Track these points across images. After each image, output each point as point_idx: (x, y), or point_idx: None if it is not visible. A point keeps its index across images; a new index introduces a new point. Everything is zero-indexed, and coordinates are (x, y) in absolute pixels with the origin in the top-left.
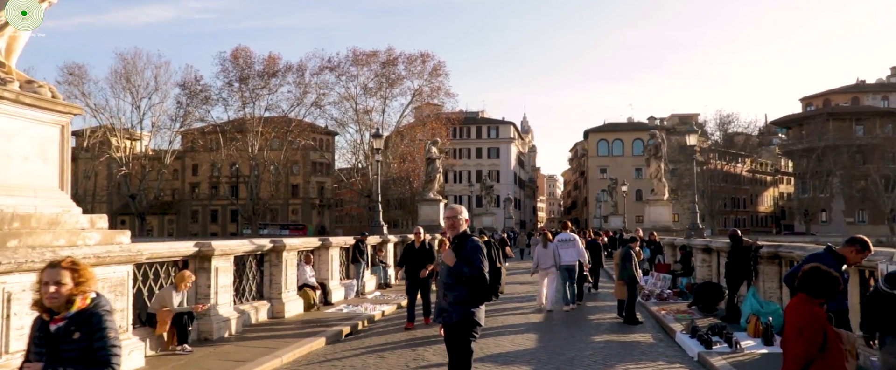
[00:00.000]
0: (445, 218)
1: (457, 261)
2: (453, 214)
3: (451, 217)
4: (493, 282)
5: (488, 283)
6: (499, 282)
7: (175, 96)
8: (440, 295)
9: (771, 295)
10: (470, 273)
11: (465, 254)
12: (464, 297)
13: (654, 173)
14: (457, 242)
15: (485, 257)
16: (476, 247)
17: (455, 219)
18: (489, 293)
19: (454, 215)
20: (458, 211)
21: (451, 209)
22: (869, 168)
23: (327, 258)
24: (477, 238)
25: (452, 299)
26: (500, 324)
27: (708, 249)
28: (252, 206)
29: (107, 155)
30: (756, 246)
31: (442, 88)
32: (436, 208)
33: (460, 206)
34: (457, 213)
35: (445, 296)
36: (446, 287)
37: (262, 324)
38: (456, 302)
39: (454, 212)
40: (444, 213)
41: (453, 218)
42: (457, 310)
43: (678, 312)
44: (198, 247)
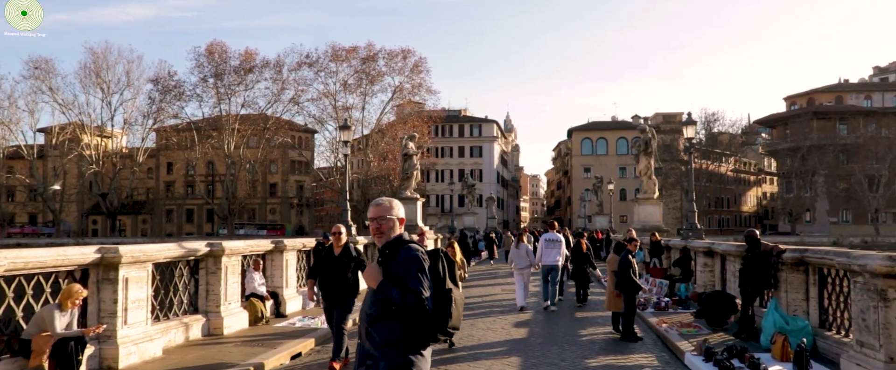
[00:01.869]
0: (369, 218)
1: (382, 282)
2: (379, 213)
3: (377, 217)
4: (440, 313)
5: (430, 316)
6: (448, 314)
7: (147, 92)
8: (361, 332)
9: (796, 308)
10: (401, 299)
11: (397, 271)
12: (395, 337)
13: (644, 170)
14: (386, 253)
15: (426, 275)
16: (413, 260)
17: (382, 219)
18: (433, 331)
19: (381, 214)
20: (386, 207)
21: (378, 204)
22: (853, 167)
23: (281, 263)
24: (417, 245)
25: (378, 340)
26: (477, 341)
27: (710, 252)
28: (227, 206)
29: (75, 152)
30: (778, 250)
31: (423, 85)
32: (413, 207)
33: (390, 200)
34: (384, 211)
35: (368, 334)
36: (369, 320)
37: (193, 344)
38: (383, 343)
39: (381, 208)
40: (369, 210)
41: (380, 218)
42: (385, 356)
43: (682, 326)
44: (100, 254)
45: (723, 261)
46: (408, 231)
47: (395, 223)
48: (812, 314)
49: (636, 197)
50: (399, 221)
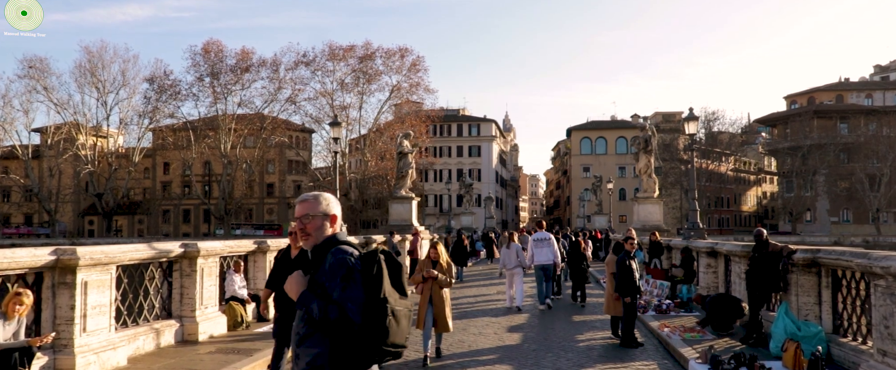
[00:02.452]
0: (295, 216)
1: (304, 293)
2: (303, 211)
3: (300, 215)
4: (371, 329)
5: (361, 335)
6: (383, 330)
7: (143, 92)
8: (293, 353)
9: (807, 313)
10: (322, 314)
11: (319, 279)
12: (321, 359)
13: (644, 169)
14: (313, 257)
15: (357, 284)
16: (338, 265)
17: (306, 217)
18: (368, 352)
19: (304, 212)
20: (310, 203)
21: (302, 200)
22: (854, 167)
23: (264, 265)
24: (350, 248)
25: (304, 363)
26: (468, 347)
27: (713, 253)
28: (224, 206)
29: (70, 152)
30: (788, 250)
31: (421, 84)
32: (408, 207)
33: (318, 194)
34: (308, 208)
35: (296, 356)
36: (297, 340)
37: (164, 352)
38: (309, 367)
39: (305, 205)
40: (296, 207)
41: (303, 217)
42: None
43: (685, 331)
44: (55, 256)
45: (727, 261)
46: (402, 231)
47: (323, 222)
48: (825, 319)
49: (636, 196)
50: (330, 219)
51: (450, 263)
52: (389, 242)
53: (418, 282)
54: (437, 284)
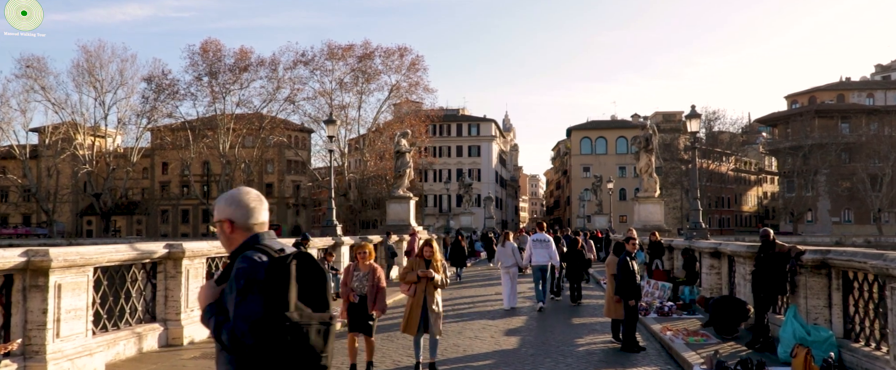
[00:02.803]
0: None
1: (208, 306)
2: (216, 213)
3: (217, 218)
4: (274, 354)
5: (259, 358)
6: (290, 354)
7: (141, 91)
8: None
9: (817, 316)
10: (215, 333)
11: (226, 292)
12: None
13: (645, 168)
14: (229, 264)
15: (255, 297)
16: (240, 274)
17: (218, 222)
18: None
19: (217, 215)
20: (218, 207)
21: (217, 201)
22: (855, 166)
23: None
24: (262, 251)
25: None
26: (463, 352)
27: (717, 253)
28: None
29: (68, 152)
30: (797, 251)
31: (420, 83)
32: (406, 206)
33: (229, 195)
34: (217, 211)
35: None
36: (217, 356)
37: (146, 357)
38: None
39: (216, 208)
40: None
41: (218, 221)
42: None
43: (688, 334)
44: (26, 257)
45: (731, 262)
46: (400, 231)
47: (228, 226)
48: (835, 323)
49: (636, 196)
50: (235, 221)
51: (444, 263)
52: (385, 243)
53: (411, 282)
54: (431, 285)
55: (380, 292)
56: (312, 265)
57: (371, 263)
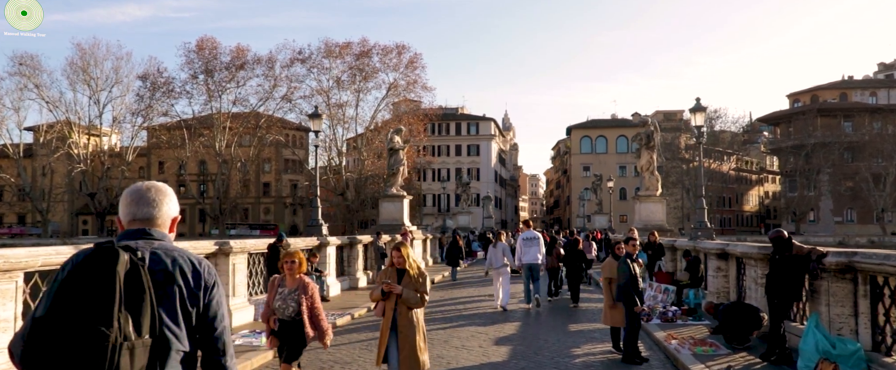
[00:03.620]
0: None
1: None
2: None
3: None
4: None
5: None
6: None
7: (136, 89)
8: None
9: (841, 326)
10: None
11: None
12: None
13: (646, 166)
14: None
15: (48, 298)
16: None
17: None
18: None
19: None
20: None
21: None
22: (858, 166)
23: (227, 268)
24: (81, 253)
25: None
26: (447, 365)
27: (724, 255)
28: (219, 206)
29: (62, 151)
30: (818, 253)
31: (419, 82)
32: (399, 206)
33: (133, 185)
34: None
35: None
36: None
37: None
38: None
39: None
40: None
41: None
42: None
43: (695, 343)
44: None
45: (739, 265)
46: (392, 231)
47: (119, 221)
48: (862, 334)
49: (637, 194)
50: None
51: (422, 273)
52: (375, 244)
53: (377, 299)
54: (402, 303)
55: (317, 313)
56: (131, 271)
57: (301, 277)
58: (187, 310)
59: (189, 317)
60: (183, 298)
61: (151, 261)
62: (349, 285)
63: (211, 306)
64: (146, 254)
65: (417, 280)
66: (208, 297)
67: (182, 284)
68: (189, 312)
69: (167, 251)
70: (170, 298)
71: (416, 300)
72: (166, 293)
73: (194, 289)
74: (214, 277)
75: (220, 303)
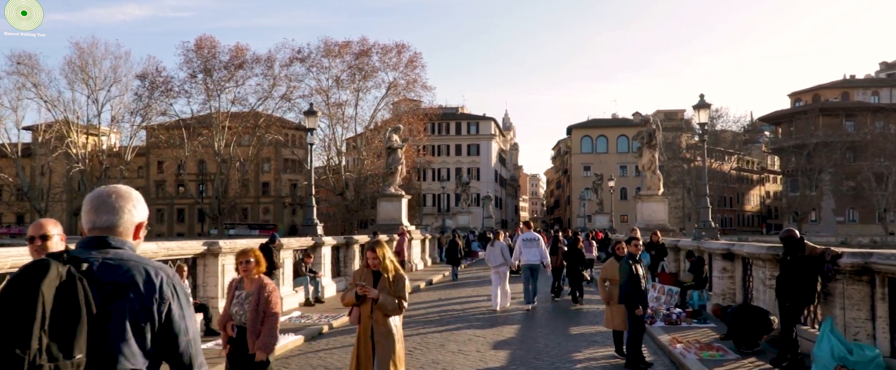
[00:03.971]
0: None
1: None
2: None
3: None
4: None
5: None
6: None
7: (134, 89)
8: None
9: (857, 330)
10: None
11: None
12: None
13: (648, 164)
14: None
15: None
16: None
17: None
18: None
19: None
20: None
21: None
22: (860, 165)
23: (216, 270)
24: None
25: None
26: None
27: (730, 255)
28: (218, 205)
29: (59, 150)
30: (832, 254)
31: (418, 81)
32: (397, 205)
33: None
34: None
35: None
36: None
37: None
38: None
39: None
40: None
41: None
42: None
43: (701, 348)
44: None
45: (745, 266)
46: (390, 231)
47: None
48: (881, 339)
49: (639, 194)
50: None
51: (400, 275)
52: None
53: (350, 303)
54: (378, 309)
55: (268, 320)
56: (62, 283)
57: (260, 278)
58: (139, 326)
59: (142, 333)
60: (134, 313)
61: (101, 272)
62: (346, 286)
63: (172, 320)
64: (96, 265)
65: (395, 284)
66: (166, 310)
67: (133, 297)
68: (142, 328)
69: (122, 261)
70: (118, 313)
71: (393, 306)
72: (114, 308)
73: (146, 303)
74: (173, 287)
75: (184, 315)
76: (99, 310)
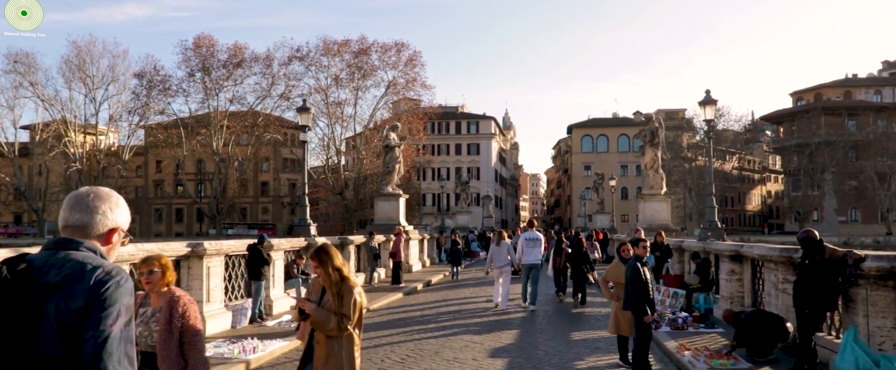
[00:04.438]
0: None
1: None
2: None
3: None
4: None
5: None
6: None
7: (132, 88)
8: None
9: (883, 340)
10: None
11: None
12: None
13: (650, 163)
14: None
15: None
16: None
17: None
18: None
19: None
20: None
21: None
22: (863, 164)
23: (201, 272)
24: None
25: None
26: None
27: (738, 257)
28: (216, 205)
29: (56, 149)
30: (855, 257)
31: (418, 79)
32: (395, 205)
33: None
34: None
35: None
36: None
37: None
38: None
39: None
40: None
41: None
42: None
43: (711, 356)
44: None
45: (755, 268)
46: (387, 231)
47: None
48: None
49: (641, 193)
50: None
51: (347, 287)
52: (368, 244)
53: (297, 320)
54: (315, 327)
55: (190, 342)
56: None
57: (171, 290)
58: (67, 328)
59: (72, 336)
60: (60, 314)
61: (40, 273)
62: None
63: (82, 322)
64: (36, 266)
65: (340, 298)
66: (83, 310)
67: (62, 297)
68: (70, 330)
69: (66, 261)
70: (48, 315)
71: (328, 325)
72: (45, 309)
73: (71, 304)
74: (105, 289)
75: (101, 318)
76: (30, 311)
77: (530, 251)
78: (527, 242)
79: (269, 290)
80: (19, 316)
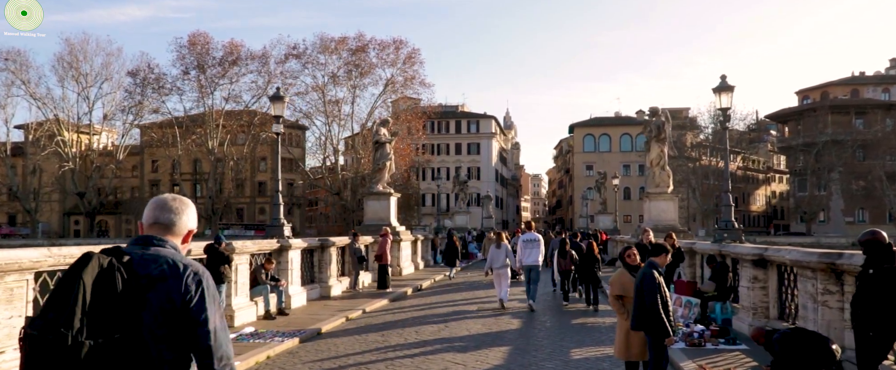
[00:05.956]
0: None
1: None
2: None
3: None
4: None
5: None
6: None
7: (126, 86)
8: None
9: None
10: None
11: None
12: None
13: (656, 160)
14: None
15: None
16: None
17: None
18: None
19: None
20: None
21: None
22: (871, 164)
23: None
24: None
25: None
26: None
27: (762, 262)
28: (212, 205)
29: (49, 149)
30: None
31: (417, 77)
32: (385, 204)
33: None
34: None
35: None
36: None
37: None
38: None
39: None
40: None
41: None
42: None
43: None
44: None
45: (782, 275)
46: (376, 232)
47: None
48: None
49: (647, 192)
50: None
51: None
52: (352, 246)
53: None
54: None
55: None
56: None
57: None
58: (169, 316)
59: (171, 323)
60: (162, 303)
61: (139, 265)
62: (320, 294)
63: (191, 311)
64: (136, 259)
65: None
66: (189, 302)
67: (163, 289)
68: (171, 318)
69: (158, 256)
70: (151, 303)
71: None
72: (149, 298)
73: (173, 295)
74: (198, 283)
75: (205, 308)
76: (135, 299)
77: (529, 253)
78: (525, 244)
79: (230, 298)
80: (130, 302)
